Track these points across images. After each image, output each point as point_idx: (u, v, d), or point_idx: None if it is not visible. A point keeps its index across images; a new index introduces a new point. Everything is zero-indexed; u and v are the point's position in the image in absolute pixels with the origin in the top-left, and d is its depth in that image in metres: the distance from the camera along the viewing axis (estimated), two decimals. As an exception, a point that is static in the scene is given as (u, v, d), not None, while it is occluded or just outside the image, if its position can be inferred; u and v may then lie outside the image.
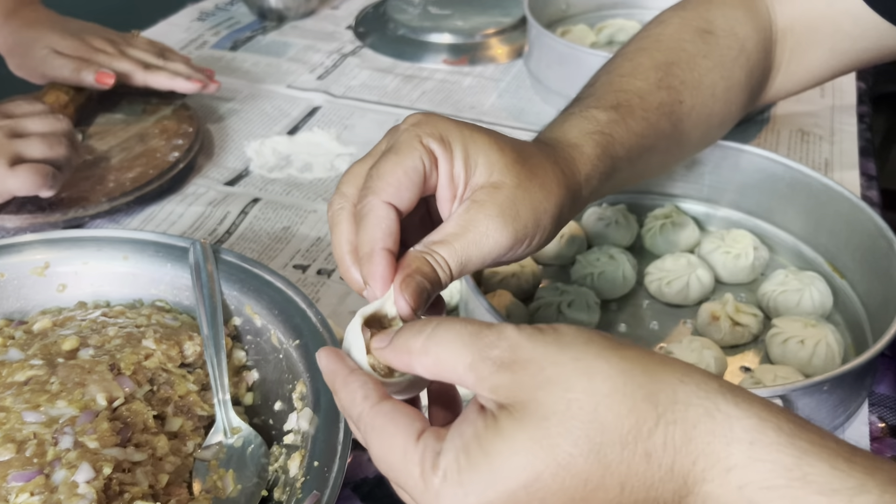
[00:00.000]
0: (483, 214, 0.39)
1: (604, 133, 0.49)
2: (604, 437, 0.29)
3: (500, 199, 0.40)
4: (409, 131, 0.39)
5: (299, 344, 0.50)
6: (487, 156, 0.40)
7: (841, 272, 0.64)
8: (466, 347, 0.32)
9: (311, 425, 0.45)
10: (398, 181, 0.38)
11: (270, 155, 0.84)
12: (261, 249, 0.71)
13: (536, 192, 0.41)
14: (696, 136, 0.58)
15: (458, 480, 0.30)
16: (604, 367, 0.30)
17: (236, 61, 1.02)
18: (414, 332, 0.33)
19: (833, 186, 0.63)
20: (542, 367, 0.30)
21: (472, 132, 0.41)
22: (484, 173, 0.40)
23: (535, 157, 0.43)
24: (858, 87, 0.95)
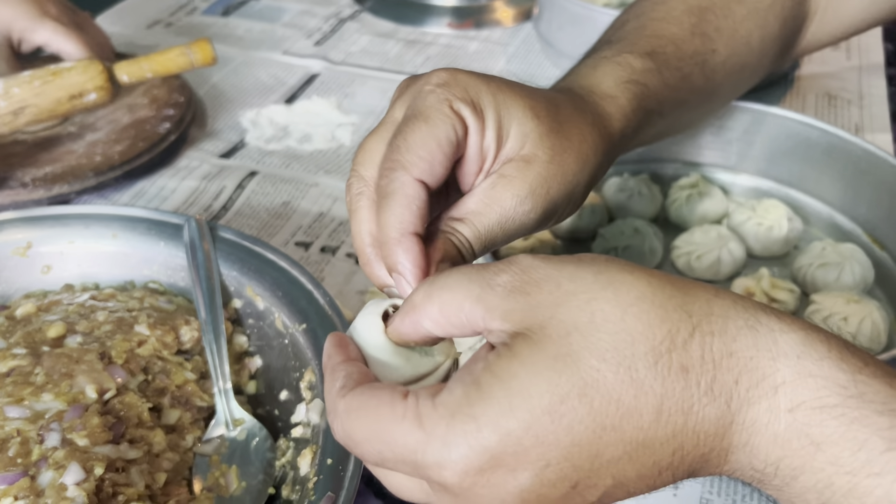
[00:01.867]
0: (511, 193, 0.35)
1: (639, 83, 0.45)
2: (634, 347, 0.26)
3: (532, 176, 0.36)
4: (437, 94, 0.34)
5: (306, 328, 0.46)
6: (522, 125, 0.36)
7: (882, 244, 0.60)
8: (472, 281, 0.28)
9: (323, 418, 0.41)
10: (431, 154, 0.33)
11: (267, 125, 0.79)
12: (260, 226, 0.67)
13: (571, 164, 0.37)
14: (726, 90, 0.55)
15: (470, 413, 0.26)
16: (629, 278, 0.27)
17: (228, 27, 0.97)
18: (417, 287, 0.30)
19: (875, 152, 0.59)
20: (560, 283, 0.27)
21: (507, 95, 0.36)
22: (516, 144, 0.36)
23: (571, 120, 0.39)
24: (886, 49, 0.90)
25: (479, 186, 0.36)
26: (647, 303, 0.27)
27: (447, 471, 0.26)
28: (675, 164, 0.68)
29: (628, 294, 0.27)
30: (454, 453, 0.26)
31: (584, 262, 0.28)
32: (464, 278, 0.28)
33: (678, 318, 0.26)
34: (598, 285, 0.27)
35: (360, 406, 0.28)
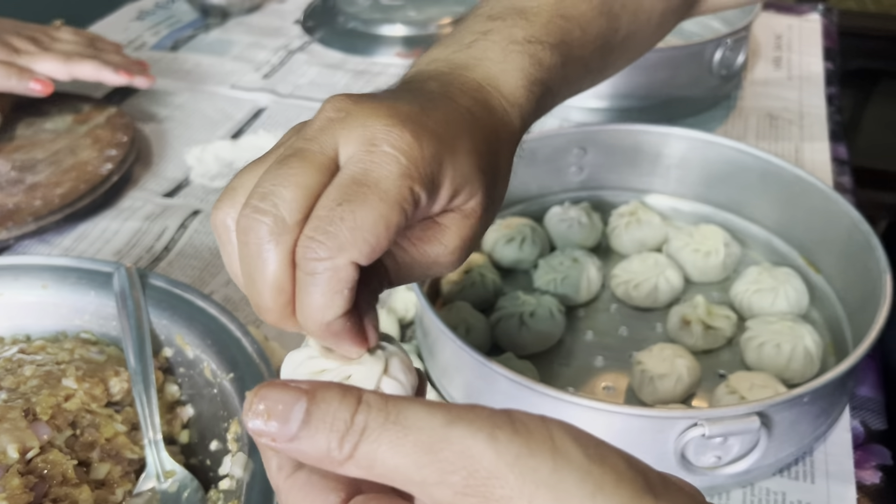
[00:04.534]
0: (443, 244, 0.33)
1: (544, 84, 0.40)
2: None
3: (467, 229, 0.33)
4: (396, 166, 0.30)
5: (234, 377, 0.46)
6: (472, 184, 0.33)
7: (817, 267, 0.61)
8: (416, 469, 0.24)
9: (246, 471, 0.41)
10: (377, 240, 0.29)
11: (212, 162, 0.79)
12: (202, 266, 0.66)
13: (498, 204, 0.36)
14: (618, 66, 0.51)
15: None
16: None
17: (177, 62, 0.96)
18: (336, 437, 0.24)
19: (805, 177, 0.59)
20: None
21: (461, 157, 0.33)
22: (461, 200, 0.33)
23: (501, 153, 0.36)
24: (826, 68, 0.91)
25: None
26: None
27: None
28: (616, 191, 0.69)
29: None
30: None
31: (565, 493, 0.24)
32: (406, 462, 0.24)
33: None
34: None
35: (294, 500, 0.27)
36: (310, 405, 0.24)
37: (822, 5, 1.04)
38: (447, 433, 0.24)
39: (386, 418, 0.24)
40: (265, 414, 0.24)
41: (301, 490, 0.27)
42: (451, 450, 0.24)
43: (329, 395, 0.25)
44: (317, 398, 0.25)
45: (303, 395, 0.24)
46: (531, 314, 0.57)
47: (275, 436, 0.24)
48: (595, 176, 0.68)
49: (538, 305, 0.57)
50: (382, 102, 0.32)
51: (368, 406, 0.24)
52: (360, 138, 0.30)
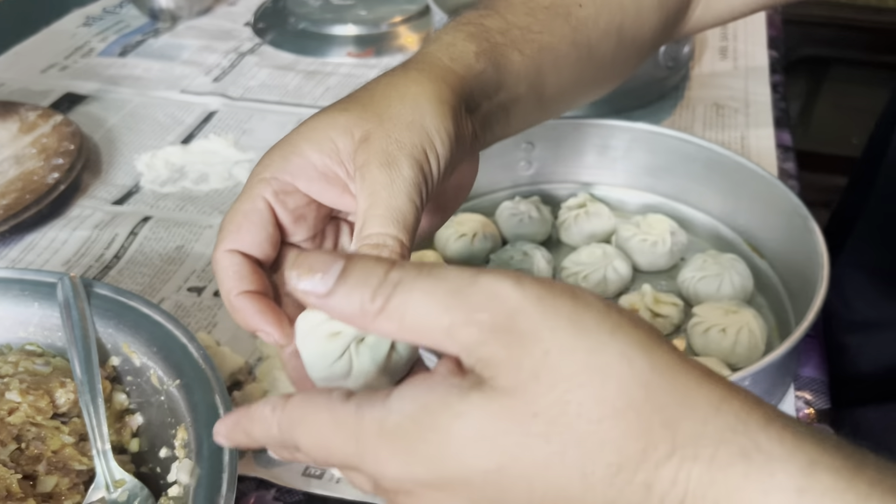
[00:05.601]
0: (375, 170, 0.34)
1: (472, 23, 0.42)
2: (601, 453, 0.24)
3: (376, 146, 0.35)
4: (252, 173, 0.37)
5: (181, 384, 0.46)
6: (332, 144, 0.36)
7: (761, 252, 0.62)
8: (443, 311, 0.25)
9: (193, 477, 0.41)
10: (234, 225, 0.36)
11: (163, 167, 0.78)
12: (153, 273, 0.66)
13: (408, 113, 0.36)
14: (608, 50, 0.50)
15: (401, 447, 0.26)
16: (625, 372, 0.24)
17: (126, 68, 0.95)
18: (369, 290, 0.26)
19: (746, 164, 0.61)
20: (548, 352, 0.25)
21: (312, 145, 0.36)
22: (343, 152, 0.36)
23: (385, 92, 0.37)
24: (771, 56, 0.93)
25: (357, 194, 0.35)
26: (632, 413, 0.24)
27: (383, 481, 0.27)
28: (566, 184, 0.69)
29: (618, 396, 0.24)
30: (387, 470, 0.26)
31: (584, 329, 0.25)
32: (432, 304, 0.26)
33: (661, 436, 0.24)
34: (586, 372, 0.24)
35: (301, 415, 0.28)
36: (347, 263, 0.27)
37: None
38: (475, 279, 0.26)
39: (419, 272, 0.26)
40: (307, 269, 0.27)
41: (301, 402, 0.28)
42: (479, 292, 0.25)
43: (366, 257, 0.27)
44: (354, 259, 0.27)
45: (341, 257, 0.27)
46: (482, 309, 0.57)
47: (313, 290, 0.26)
48: (544, 170, 0.69)
49: (489, 300, 0.57)
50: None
51: (402, 265, 0.27)
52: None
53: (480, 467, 0.25)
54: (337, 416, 0.27)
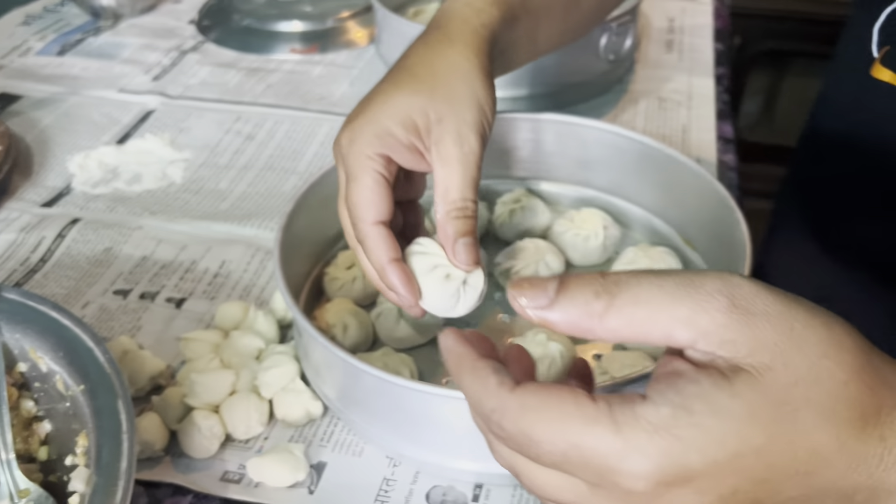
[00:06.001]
0: (451, 146, 0.44)
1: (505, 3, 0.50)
2: (849, 412, 0.27)
3: (450, 126, 0.44)
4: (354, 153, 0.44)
5: (84, 389, 0.44)
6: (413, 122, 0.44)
7: (693, 244, 0.61)
8: (677, 301, 0.27)
9: (89, 486, 0.40)
10: (371, 202, 0.43)
11: (96, 168, 0.76)
12: (79, 276, 0.64)
13: (468, 93, 0.45)
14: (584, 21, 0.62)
15: (677, 435, 0.26)
16: (853, 342, 0.28)
17: (63, 67, 0.93)
18: (590, 291, 0.28)
19: (677, 157, 0.60)
20: (793, 327, 0.27)
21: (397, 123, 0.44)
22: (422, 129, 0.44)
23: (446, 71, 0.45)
24: (716, 49, 0.93)
25: (435, 165, 0.44)
26: (867, 374, 0.27)
27: (642, 481, 0.27)
28: (502, 179, 0.68)
29: (854, 361, 0.27)
30: (652, 466, 0.26)
31: (811, 308, 0.28)
32: (666, 297, 0.27)
33: (886, 393, 0.28)
34: (830, 343, 0.27)
35: (541, 404, 0.28)
36: (564, 278, 0.29)
37: (715, -12, 1.06)
38: (701, 273, 0.28)
39: (635, 274, 0.28)
40: (529, 289, 0.29)
41: (538, 392, 0.28)
42: (710, 282, 0.27)
43: (575, 274, 0.29)
44: (567, 276, 0.29)
45: (555, 277, 0.29)
46: (410, 307, 0.56)
47: (538, 305, 0.29)
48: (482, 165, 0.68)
49: (417, 298, 0.56)
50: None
51: (615, 272, 0.29)
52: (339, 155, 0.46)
53: (754, 443, 0.26)
54: (587, 411, 0.27)
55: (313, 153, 0.78)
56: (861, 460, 0.27)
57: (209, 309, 0.61)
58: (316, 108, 0.85)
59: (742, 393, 0.26)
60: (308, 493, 0.48)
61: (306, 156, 0.78)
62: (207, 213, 0.70)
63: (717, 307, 0.27)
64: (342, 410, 0.51)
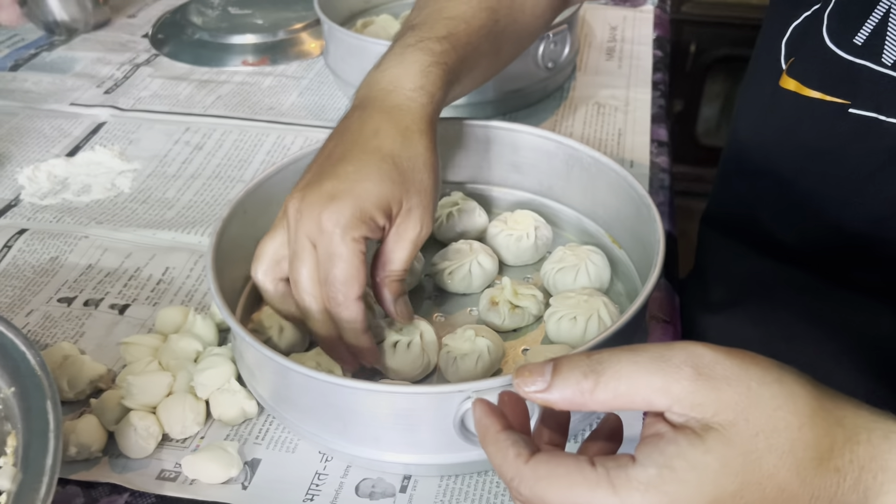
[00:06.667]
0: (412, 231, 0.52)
1: (440, 63, 0.55)
2: (805, 453, 0.32)
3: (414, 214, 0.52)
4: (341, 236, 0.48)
5: (15, 391, 0.46)
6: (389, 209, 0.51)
7: (619, 243, 0.64)
8: (651, 373, 0.32)
9: (14, 483, 0.41)
10: (355, 278, 0.49)
11: (45, 180, 0.77)
12: (23, 286, 0.65)
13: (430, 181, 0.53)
14: (509, 51, 0.66)
15: (664, 490, 0.31)
16: (804, 391, 0.33)
17: (16, 81, 0.95)
18: (579, 373, 0.33)
19: (600, 158, 0.63)
20: (749, 386, 0.32)
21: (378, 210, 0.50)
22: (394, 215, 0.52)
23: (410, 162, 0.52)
24: (654, 56, 0.96)
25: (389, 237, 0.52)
26: (819, 417, 0.32)
27: None
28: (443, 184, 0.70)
29: (806, 407, 0.32)
30: None
31: (765, 367, 0.33)
32: (642, 371, 0.32)
33: (838, 431, 0.33)
34: (783, 396, 0.32)
35: (550, 473, 0.33)
36: (556, 362, 0.34)
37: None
38: (670, 346, 0.33)
39: (614, 351, 0.33)
40: (528, 375, 0.34)
41: (549, 462, 0.33)
42: (677, 355, 0.32)
43: (565, 357, 0.34)
44: (560, 359, 0.34)
45: (550, 361, 0.34)
46: (345, 307, 0.58)
47: (537, 389, 0.34)
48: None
49: (352, 298, 0.58)
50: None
51: (599, 351, 0.34)
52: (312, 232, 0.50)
53: (729, 490, 0.31)
54: (589, 477, 0.32)
55: (260, 161, 0.80)
56: (821, 490, 0.32)
57: (152, 314, 0.62)
58: (264, 118, 0.87)
59: (714, 448, 0.32)
60: (241, 489, 0.50)
61: (253, 164, 0.80)
62: (153, 221, 0.72)
63: (685, 376, 0.32)
64: (275, 409, 0.52)
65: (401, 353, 0.54)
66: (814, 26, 0.55)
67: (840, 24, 0.53)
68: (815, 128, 0.55)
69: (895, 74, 0.50)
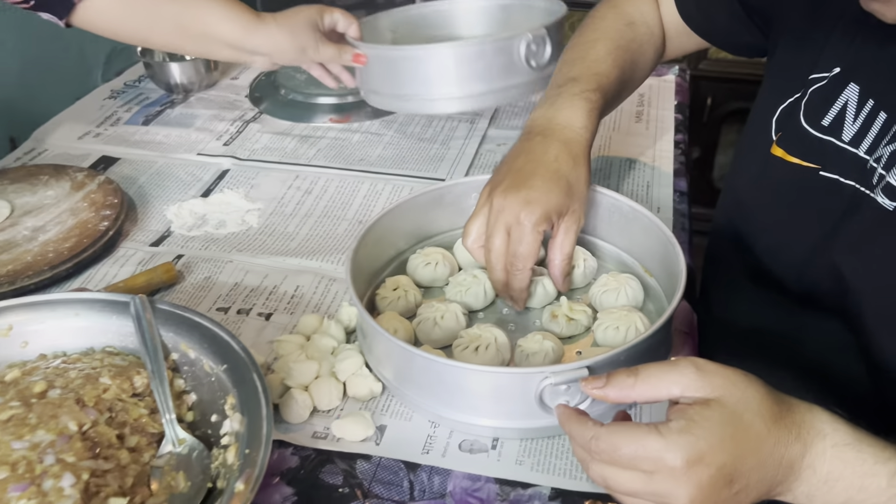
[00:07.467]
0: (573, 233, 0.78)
1: (598, 110, 0.81)
2: (768, 413, 0.52)
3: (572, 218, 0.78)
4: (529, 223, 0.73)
5: (226, 368, 0.65)
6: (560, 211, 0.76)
7: (650, 272, 0.82)
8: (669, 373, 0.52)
9: (242, 426, 0.60)
10: (533, 255, 0.74)
11: (188, 216, 0.97)
12: (187, 298, 0.84)
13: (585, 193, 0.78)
14: (623, 97, 0.93)
15: (690, 431, 0.49)
16: (760, 383, 0.53)
17: (149, 134, 1.15)
18: (624, 375, 0.54)
19: (636, 208, 0.81)
20: (727, 376, 0.52)
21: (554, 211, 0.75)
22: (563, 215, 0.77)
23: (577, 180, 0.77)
24: (676, 119, 1.15)
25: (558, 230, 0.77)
26: (772, 394, 0.53)
27: (679, 461, 0.49)
28: (507, 224, 0.89)
29: (763, 388, 0.52)
30: (683, 451, 0.49)
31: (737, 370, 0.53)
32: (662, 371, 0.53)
33: (783, 405, 0.53)
34: (749, 383, 0.52)
35: (618, 429, 0.52)
36: (609, 374, 0.54)
37: (678, 66, 1.29)
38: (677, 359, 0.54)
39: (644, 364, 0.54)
40: (592, 380, 0.55)
41: (617, 424, 0.53)
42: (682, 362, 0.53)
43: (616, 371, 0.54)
44: (612, 373, 0.54)
45: (605, 374, 0.54)
46: (442, 317, 0.77)
47: (597, 386, 0.54)
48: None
49: (446, 311, 0.77)
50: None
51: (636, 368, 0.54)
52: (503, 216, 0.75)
53: (728, 432, 0.50)
54: (643, 429, 0.51)
55: (358, 204, 1.00)
56: (778, 438, 0.51)
57: (290, 320, 0.81)
58: (357, 168, 1.06)
59: (715, 409, 0.50)
60: (375, 445, 0.68)
61: (353, 206, 0.99)
62: (281, 250, 0.91)
63: (690, 373, 0.52)
64: (397, 387, 0.71)
65: (481, 353, 0.73)
66: (795, 110, 0.74)
67: (812, 110, 0.72)
68: (795, 186, 0.73)
69: (851, 149, 0.68)
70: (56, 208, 0.94)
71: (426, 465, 0.66)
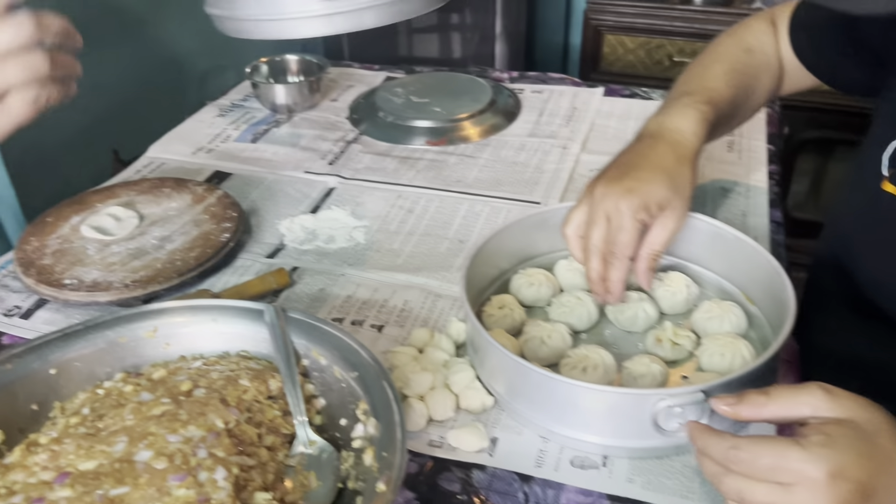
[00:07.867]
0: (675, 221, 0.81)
1: (708, 120, 0.85)
2: (891, 433, 0.55)
3: (674, 210, 0.80)
4: (628, 211, 0.77)
5: (357, 376, 0.69)
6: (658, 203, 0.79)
7: (753, 301, 0.84)
8: (799, 394, 0.57)
9: (377, 430, 0.64)
10: (630, 244, 0.78)
11: (300, 231, 1.03)
12: (303, 308, 0.89)
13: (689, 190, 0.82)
14: (739, 120, 0.97)
15: (829, 446, 0.52)
16: (881, 408, 0.56)
17: (258, 152, 1.22)
18: (756, 394, 0.58)
19: (741, 237, 0.84)
20: (855, 399, 0.56)
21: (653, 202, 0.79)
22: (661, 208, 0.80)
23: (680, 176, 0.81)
24: (769, 150, 1.17)
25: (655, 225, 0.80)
26: (891, 419, 0.56)
27: (821, 473, 0.51)
28: (607, 248, 0.92)
29: (885, 414, 0.56)
30: (825, 464, 0.52)
31: (860, 396, 0.56)
32: (792, 392, 0.57)
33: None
34: (874, 408, 0.56)
35: (759, 440, 0.55)
36: (741, 395, 0.59)
37: (768, 98, 1.30)
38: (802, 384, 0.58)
39: (772, 386, 0.59)
40: (726, 401, 0.60)
41: (750, 437, 0.56)
42: (809, 385, 0.57)
43: (748, 391, 0.59)
44: (743, 393, 0.59)
45: (738, 395, 0.59)
46: (549, 336, 0.80)
47: (729, 403, 0.59)
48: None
49: (553, 330, 0.80)
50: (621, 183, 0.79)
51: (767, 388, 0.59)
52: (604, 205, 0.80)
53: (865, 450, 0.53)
54: (784, 441, 0.54)
55: (458, 224, 1.04)
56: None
57: (401, 333, 0.85)
58: (455, 189, 1.11)
59: (848, 427, 0.53)
60: (489, 456, 0.71)
61: (453, 226, 1.04)
62: (388, 265, 0.96)
63: (819, 394, 0.55)
64: (509, 402, 0.74)
65: (590, 373, 0.76)
66: None
67: None
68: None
69: None
70: (179, 219, 1.01)
71: (539, 478, 0.69)
